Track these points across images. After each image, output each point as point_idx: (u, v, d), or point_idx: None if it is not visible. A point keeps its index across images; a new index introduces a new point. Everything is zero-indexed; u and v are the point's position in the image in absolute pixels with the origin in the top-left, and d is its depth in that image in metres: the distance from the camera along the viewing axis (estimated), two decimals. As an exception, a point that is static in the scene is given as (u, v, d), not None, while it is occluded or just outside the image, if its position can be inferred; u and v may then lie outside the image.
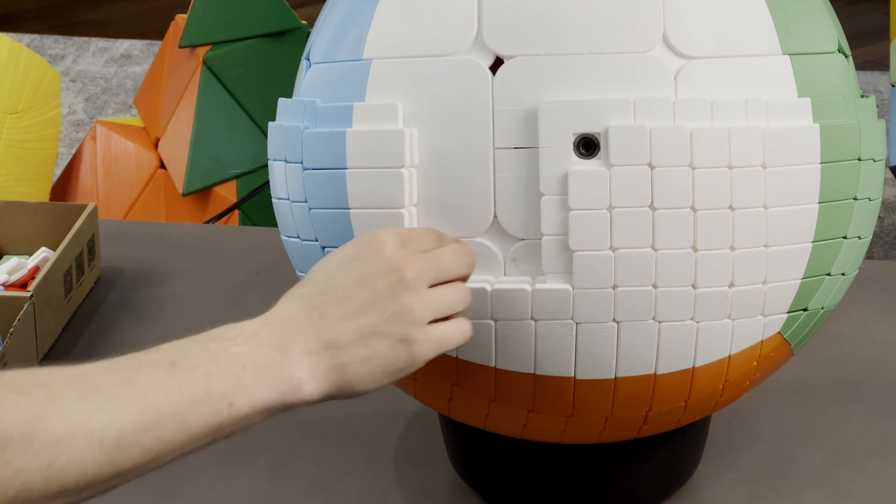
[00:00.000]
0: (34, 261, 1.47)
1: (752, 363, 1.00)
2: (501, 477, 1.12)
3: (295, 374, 0.84)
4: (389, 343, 0.86)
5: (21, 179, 2.36)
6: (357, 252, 0.88)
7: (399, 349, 0.86)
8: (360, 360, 0.86)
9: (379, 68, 0.96)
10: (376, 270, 0.87)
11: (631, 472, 1.10)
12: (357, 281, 0.86)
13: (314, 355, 0.85)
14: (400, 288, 0.86)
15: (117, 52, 4.06)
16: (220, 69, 2.36)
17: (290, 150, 1.00)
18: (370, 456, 1.23)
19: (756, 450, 1.22)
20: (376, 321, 0.86)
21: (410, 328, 0.86)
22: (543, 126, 0.92)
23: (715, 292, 0.94)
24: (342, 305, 0.86)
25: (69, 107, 3.70)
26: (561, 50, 0.92)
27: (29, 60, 2.38)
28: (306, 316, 0.86)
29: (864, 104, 1.00)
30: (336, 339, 0.85)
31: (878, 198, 1.03)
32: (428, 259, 0.88)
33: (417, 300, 0.86)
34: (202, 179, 2.36)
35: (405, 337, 0.86)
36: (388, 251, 0.87)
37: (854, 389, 1.31)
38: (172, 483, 1.21)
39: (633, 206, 0.92)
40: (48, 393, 0.76)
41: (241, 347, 0.83)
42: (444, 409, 1.05)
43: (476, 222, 0.94)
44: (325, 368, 0.85)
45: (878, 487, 1.17)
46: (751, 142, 0.92)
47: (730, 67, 0.93)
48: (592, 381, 0.97)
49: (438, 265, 0.88)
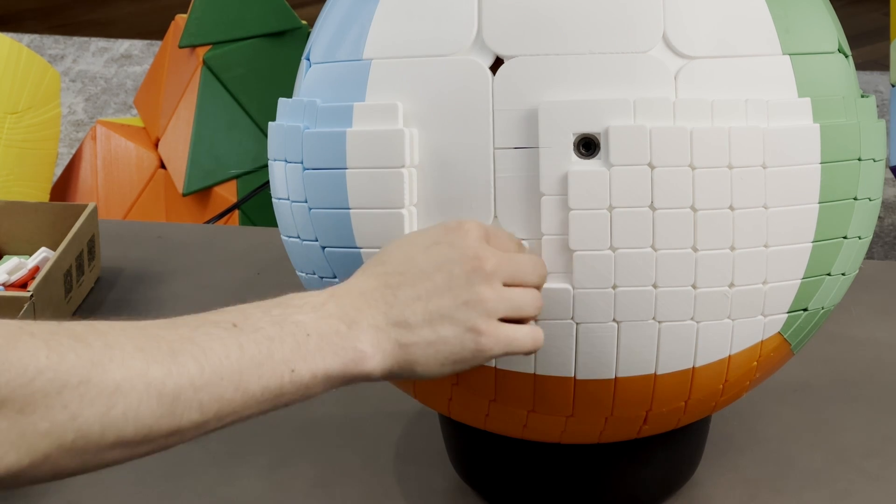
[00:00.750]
0: (34, 261, 1.47)
1: (752, 363, 1.00)
2: (501, 477, 1.12)
3: (359, 347, 0.83)
4: (457, 330, 0.85)
5: (21, 179, 2.36)
6: (440, 236, 0.88)
7: (466, 338, 0.86)
8: (426, 342, 0.85)
9: (379, 68, 0.96)
10: (457, 256, 0.86)
11: (631, 472, 1.10)
12: (436, 264, 0.86)
13: (381, 331, 0.84)
14: (477, 276, 0.86)
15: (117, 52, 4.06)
16: (220, 69, 2.36)
17: (290, 150, 1.00)
18: (370, 456, 1.23)
19: (756, 450, 1.22)
20: (448, 306, 0.85)
21: (480, 319, 0.86)
22: (543, 126, 0.92)
23: (715, 292, 0.94)
24: (416, 286, 0.86)
25: (69, 107, 3.70)
26: (561, 50, 0.92)
27: (29, 60, 2.38)
28: (379, 292, 0.85)
29: (864, 104, 1.00)
30: (405, 318, 0.85)
31: (878, 198, 1.03)
32: (507, 258, 0.88)
33: (492, 293, 0.86)
34: (202, 179, 2.36)
35: (474, 326, 0.86)
36: (471, 240, 0.87)
37: (854, 389, 1.31)
38: (172, 483, 1.21)
39: (633, 206, 0.92)
40: (106, 341, 0.75)
41: (307, 316, 0.83)
42: (444, 409, 1.05)
43: (476, 222, 0.94)
44: (391, 346, 0.84)
45: (878, 487, 1.17)
46: (751, 142, 0.92)
47: (730, 67, 0.93)
48: (592, 381, 0.97)
49: (516, 266, 0.88)
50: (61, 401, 0.73)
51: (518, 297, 0.88)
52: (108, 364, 0.75)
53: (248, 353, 0.79)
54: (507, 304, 0.87)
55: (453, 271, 0.86)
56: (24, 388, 0.72)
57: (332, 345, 0.82)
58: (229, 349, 0.79)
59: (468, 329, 0.86)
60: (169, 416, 0.77)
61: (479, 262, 0.86)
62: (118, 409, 0.75)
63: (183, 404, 0.77)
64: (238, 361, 0.79)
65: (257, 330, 0.80)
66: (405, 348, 0.85)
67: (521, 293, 0.88)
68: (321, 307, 0.84)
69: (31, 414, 0.72)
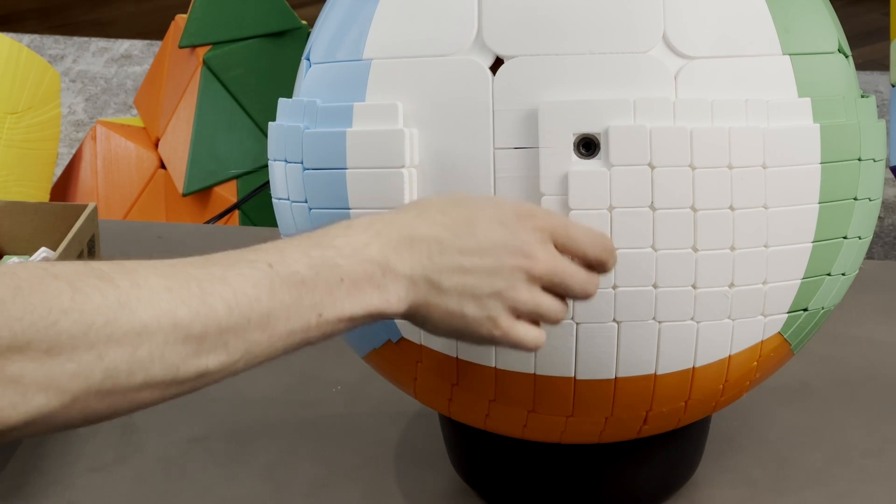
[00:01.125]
0: (34, 261, 1.46)
1: (752, 363, 1.00)
2: (501, 477, 1.12)
3: (387, 297, 0.84)
4: (479, 314, 0.86)
5: (21, 179, 2.36)
6: (508, 217, 0.87)
7: (483, 323, 0.86)
8: (448, 310, 0.85)
9: (379, 68, 0.96)
10: (513, 247, 0.86)
11: (631, 472, 1.10)
12: (491, 244, 0.86)
13: (413, 284, 0.84)
14: (520, 274, 0.86)
15: (117, 52, 4.06)
16: (220, 69, 2.36)
17: (290, 150, 1.00)
18: (370, 456, 1.23)
19: (756, 450, 1.22)
20: (483, 288, 0.85)
21: (504, 314, 0.86)
22: (543, 126, 0.92)
23: (715, 292, 0.94)
24: (464, 256, 0.85)
25: (69, 107, 3.70)
26: (561, 50, 0.92)
27: (29, 60, 2.38)
28: (426, 244, 0.85)
29: (864, 104, 1.00)
30: (440, 280, 0.85)
31: (878, 198, 1.03)
32: (561, 265, 0.88)
33: (526, 294, 0.86)
34: (202, 179, 2.36)
35: (495, 317, 0.86)
36: (534, 235, 0.87)
37: (854, 390, 1.31)
38: (172, 483, 1.21)
39: (633, 206, 0.92)
40: (133, 280, 0.75)
41: (345, 259, 0.82)
42: (444, 409, 1.05)
43: (476, 222, 0.94)
44: (416, 298, 0.85)
45: (878, 487, 1.17)
46: (751, 142, 0.92)
47: (730, 67, 0.93)
48: (592, 381, 0.97)
49: (564, 276, 0.88)
50: (87, 341, 0.73)
51: (547, 304, 0.88)
52: (134, 304, 0.74)
53: (278, 296, 0.80)
54: (534, 308, 0.87)
55: (502, 260, 0.86)
56: (48, 330, 0.72)
57: (361, 292, 0.83)
58: (260, 291, 0.79)
59: (489, 317, 0.86)
60: (195, 357, 0.77)
61: (530, 263, 0.86)
62: (144, 350, 0.74)
63: (209, 345, 0.77)
64: (268, 304, 0.79)
65: (292, 273, 0.80)
66: (427, 305, 0.85)
67: (551, 301, 0.88)
68: (363, 249, 0.83)
69: (58, 356, 0.72)
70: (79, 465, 1.23)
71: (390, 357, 1.02)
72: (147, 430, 1.28)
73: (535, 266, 0.86)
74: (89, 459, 1.24)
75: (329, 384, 1.34)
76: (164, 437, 1.27)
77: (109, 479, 1.21)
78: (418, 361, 1.00)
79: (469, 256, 0.86)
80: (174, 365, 0.76)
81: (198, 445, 1.26)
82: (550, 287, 0.88)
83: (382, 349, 1.01)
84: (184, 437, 1.27)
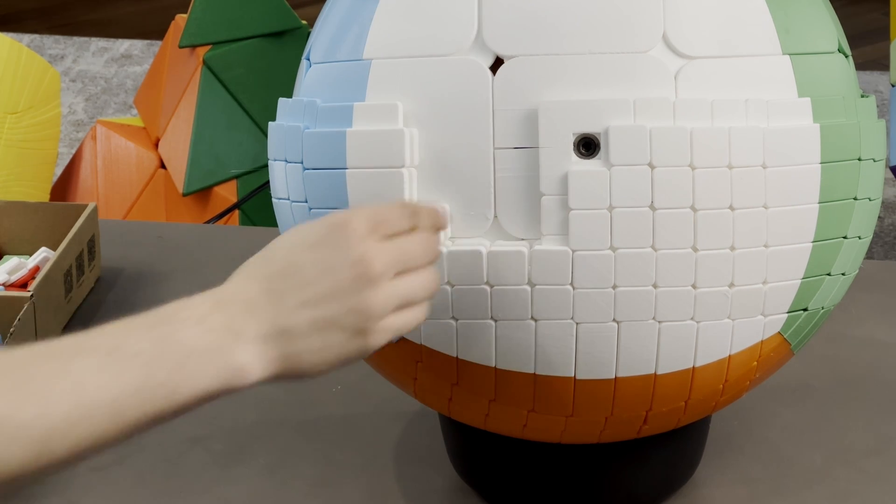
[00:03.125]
0: (34, 261, 1.47)
1: (752, 363, 1.00)
2: (501, 477, 1.12)
3: (241, 362, 0.81)
4: (345, 335, 0.84)
5: (21, 179, 2.36)
6: (324, 236, 0.85)
7: (354, 341, 0.84)
8: (313, 349, 0.83)
9: (379, 68, 0.96)
10: (342, 260, 0.84)
11: (631, 472, 1.10)
12: (321, 268, 0.84)
13: (266, 342, 0.82)
14: (363, 281, 0.84)
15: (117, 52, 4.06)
16: (220, 69, 2.36)
17: (290, 150, 1.00)
18: (370, 456, 1.23)
19: (756, 450, 1.22)
20: (335, 313, 0.83)
21: (368, 322, 0.84)
22: (543, 126, 0.92)
23: (715, 292, 0.94)
24: (303, 291, 0.83)
25: (69, 107, 3.70)
26: (561, 50, 0.92)
27: (29, 60, 2.38)
28: (264, 297, 0.83)
29: (864, 104, 1.00)
30: (291, 326, 0.83)
31: (878, 198, 1.03)
32: (396, 250, 0.85)
33: (380, 296, 0.84)
34: (202, 179, 2.36)
35: (362, 329, 0.84)
36: (355, 240, 0.84)
37: (854, 389, 1.31)
38: (172, 483, 1.21)
39: (634, 206, 0.92)
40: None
41: (190, 332, 0.80)
42: (444, 409, 1.05)
43: (476, 222, 0.94)
44: (276, 355, 0.82)
45: (878, 487, 1.17)
46: (751, 142, 0.92)
47: (730, 67, 0.93)
48: (592, 381, 0.97)
49: (406, 256, 0.86)
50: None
51: (408, 287, 0.86)
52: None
53: (124, 381, 0.77)
54: (398, 300, 0.85)
55: (339, 277, 0.83)
56: None
57: (212, 364, 0.80)
58: (105, 379, 0.77)
59: (356, 333, 0.84)
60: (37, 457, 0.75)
61: (365, 267, 0.84)
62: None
63: (55, 443, 0.75)
64: (114, 391, 0.77)
65: (136, 355, 0.78)
66: (291, 357, 0.83)
67: (412, 282, 0.86)
68: (205, 320, 0.81)
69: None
70: (79, 465, 1.23)
71: (390, 357, 1.02)
72: (147, 430, 1.28)
73: (372, 267, 0.84)
74: (89, 459, 1.24)
75: (329, 384, 1.34)
76: (164, 437, 1.27)
77: (109, 479, 1.21)
78: (418, 361, 1.00)
79: (307, 289, 0.83)
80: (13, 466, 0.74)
81: (198, 445, 1.26)
82: (401, 271, 0.86)
83: (382, 349, 1.01)
84: (184, 437, 1.27)
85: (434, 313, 0.96)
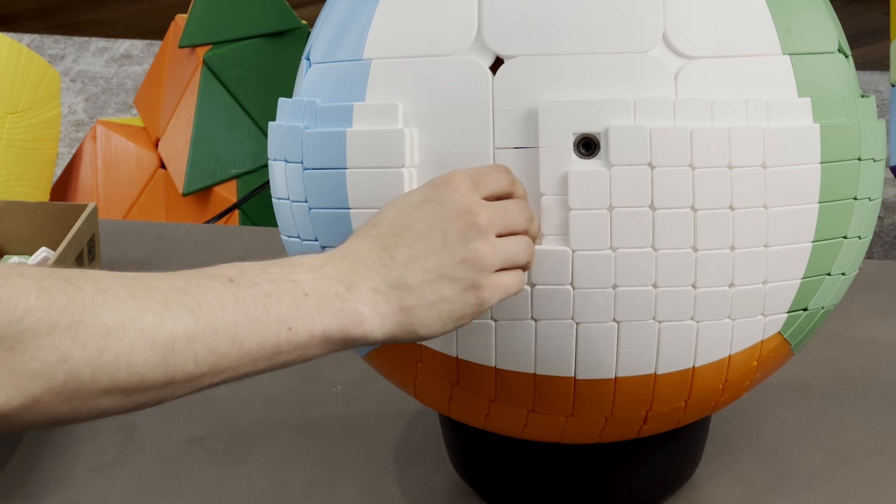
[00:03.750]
0: (34, 261, 1.47)
1: (752, 363, 1.00)
2: (501, 477, 1.12)
3: (358, 309, 0.82)
4: (458, 288, 0.85)
5: (21, 179, 2.36)
6: (430, 194, 0.87)
7: (467, 295, 0.85)
8: (428, 303, 0.85)
9: (379, 68, 0.96)
10: (450, 213, 0.86)
11: (631, 472, 1.10)
12: (430, 223, 0.85)
13: (381, 294, 0.84)
14: (472, 232, 0.85)
15: (117, 52, 4.06)
16: (220, 69, 2.36)
17: (290, 150, 1.00)
18: (370, 456, 1.23)
19: (756, 450, 1.22)
20: (447, 265, 0.85)
21: (480, 275, 0.85)
22: (543, 126, 0.92)
23: (715, 292, 0.94)
24: (413, 247, 0.85)
25: (69, 107, 3.70)
26: (561, 50, 0.92)
27: (29, 60, 2.38)
28: (376, 255, 0.85)
29: (864, 104, 1.00)
30: (405, 279, 0.84)
31: (878, 198, 1.03)
32: (499, 208, 0.87)
33: (489, 247, 0.86)
34: (202, 179, 2.36)
35: (474, 283, 0.85)
36: (461, 194, 0.86)
37: (854, 389, 1.31)
38: (172, 483, 1.21)
39: (633, 205, 0.92)
40: (98, 286, 0.74)
41: (305, 276, 0.82)
42: (444, 409, 1.05)
43: (476, 222, 0.94)
44: (391, 308, 0.84)
45: (878, 487, 1.17)
46: (751, 142, 0.92)
47: (730, 67, 0.93)
48: (592, 381, 0.97)
49: (507, 216, 0.88)
50: (52, 341, 0.72)
51: (512, 247, 0.87)
52: (99, 308, 0.73)
53: (244, 307, 0.78)
54: (504, 256, 0.87)
55: (448, 229, 0.85)
56: (13, 326, 0.71)
57: (330, 305, 0.82)
58: (224, 302, 0.78)
59: (468, 287, 0.85)
60: (162, 366, 0.75)
61: (473, 217, 0.86)
62: (110, 354, 0.73)
63: (177, 354, 0.76)
64: (234, 315, 0.78)
65: (254, 286, 0.79)
66: (407, 311, 0.84)
67: (515, 243, 0.88)
68: (320, 268, 0.83)
69: (21, 353, 0.71)
70: (79, 465, 1.23)
71: (390, 357, 1.02)
72: (147, 430, 1.28)
73: (479, 218, 0.86)
74: (89, 459, 1.24)
75: (329, 384, 1.34)
76: (164, 437, 1.27)
77: (109, 479, 1.21)
78: (418, 361, 1.00)
79: (417, 244, 0.85)
80: (139, 372, 0.75)
81: (198, 445, 1.26)
82: (502, 232, 0.87)
83: (382, 349, 1.01)
84: (184, 437, 1.27)
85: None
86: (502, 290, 0.87)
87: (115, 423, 1.29)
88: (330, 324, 0.82)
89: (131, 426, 1.28)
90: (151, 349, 0.75)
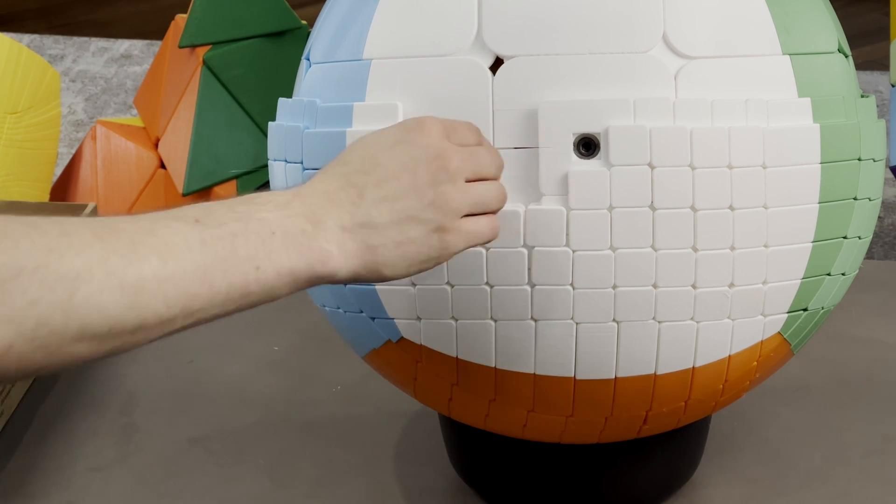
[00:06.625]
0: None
1: (752, 363, 1.00)
2: (501, 477, 1.12)
3: (325, 247, 0.82)
4: (424, 230, 0.85)
5: (21, 179, 2.36)
6: (402, 136, 0.87)
7: (433, 238, 0.85)
8: (393, 243, 0.84)
9: (379, 68, 0.96)
10: (421, 156, 0.85)
11: (631, 472, 1.10)
12: (401, 164, 0.85)
13: (347, 231, 0.83)
14: (442, 175, 0.85)
15: (117, 52, 4.06)
16: (220, 69, 2.36)
17: (290, 150, 1.00)
18: (370, 456, 1.23)
19: (756, 450, 1.22)
20: (414, 206, 0.85)
21: (447, 218, 0.85)
22: (543, 126, 0.92)
23: (715, 292, 0.94)
24: (382, 186, 0.85)
25: (69, 107, 3.70)
26: (561, 50, 0.92)
27: (29, 60, 2.38)
28: (344, 192, 0.84)
29: (864, 104, 1.00)
30: (372, 218, 0.84)
31: (878, 198, 1.03)
32: (469, 153, 0.87)
33: (457, 191, 0.86)
34: (202, 179, 2.36)
35: (440, 226, 0.85)
36: (433, 138, 0.86)
37: (854, 389, 1.31)
38: (172, 483, 1.21)
39: (633, 206, 0.92)
40: (62, 229, 0.73)
41: (271, 214, 0.81)
42: (444, 409, 1.05)
43: (476, 222, 0.94)
44: (357, 247, 0.83)
45: (877, 487, 1.17)
46: (751, 142, 0.92)
47: (730, 67, 0.93)
48: (592, 381, 0.97)
49: (478, 161, 0.88)
50: (19, 286, 0.71)
51: (481, 192, 0.87)
52: (65, 251, 0.72)
53: (211, 247, 0.78)
54: (472, 201, 0.87)
55: (418, 171, 0.85)
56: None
57: (297, 243, 0.81)
58: (191, 242, 0.77)
59: (435, 229, 0.85)
60: (133, 308, 0.74)
61: (443, 162, 0.85)
62: (80, 296, 0.72)
63: (147, 296, 0.75)
64: (201, 255, 0.77)
65: (220, 225, 0.79)
66: (372, 250, 0.84)
67: (485, 188, 0.88)
68: (286, 206, 0.82)
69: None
70: (79, 465, 1.23)
71: (390, 357, 1.02)
72: (147, 430, 1.28)
73: (449, 162, 0.86)
74: (89, 459, 1.24)
75: (329, 384, 1.34)
76: (164, 437, 1.27)
77: (109, 479, 1.21)
78: (418, 361, 1.00)
79: (387, 184, 0.85)
80: (110, 315, 0.74)
81: (198, 445, 1.26)
82: (472, 177, 0.87)
83: (382, 349, 1.01)
84: (184, 437, 1.27)
85: (434, 313, 0.96)
86: (469, 235, 0.87)
87: (114, 424, 1.29)
88: (297, 261, 0.81)
89: (131, 426, 1.28)
90: (121, 291, 0.74)
